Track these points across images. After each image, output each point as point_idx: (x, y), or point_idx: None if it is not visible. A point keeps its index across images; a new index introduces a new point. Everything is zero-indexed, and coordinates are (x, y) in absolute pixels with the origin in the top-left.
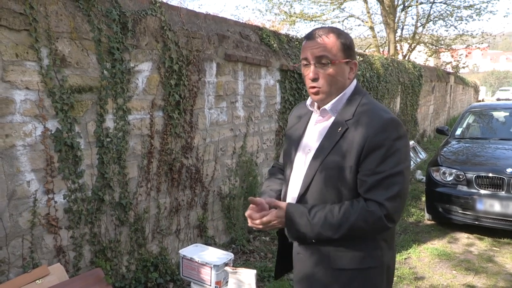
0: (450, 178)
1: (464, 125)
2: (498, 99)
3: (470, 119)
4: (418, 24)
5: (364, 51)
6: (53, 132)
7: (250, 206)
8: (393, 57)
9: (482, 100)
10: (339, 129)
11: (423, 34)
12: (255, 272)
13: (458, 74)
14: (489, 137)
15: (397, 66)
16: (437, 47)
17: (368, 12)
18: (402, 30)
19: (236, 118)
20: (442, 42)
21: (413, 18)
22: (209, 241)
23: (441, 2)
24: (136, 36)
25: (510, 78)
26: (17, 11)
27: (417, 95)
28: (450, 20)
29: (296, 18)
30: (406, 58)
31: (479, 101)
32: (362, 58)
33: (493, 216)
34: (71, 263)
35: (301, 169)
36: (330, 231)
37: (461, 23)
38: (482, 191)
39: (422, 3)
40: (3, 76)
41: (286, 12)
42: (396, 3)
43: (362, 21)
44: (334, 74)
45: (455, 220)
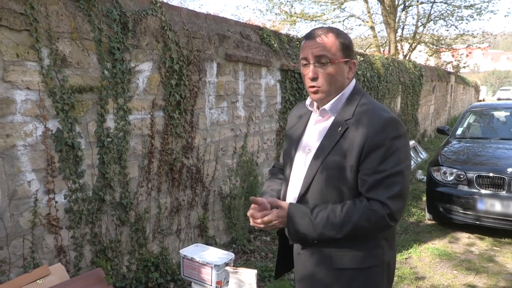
0: (451, 178)
1: (465, 125)
2: (499, 99)
3: (471, 119)
4: (419, 23)
5: (364, 51)
6: (53, 132)
7: (252, 206)
8: (393, 57)
9: (483, 99)
10: (339, 128)
11: (424, 33)
12: (256, 272)
13: (459, 74)
14: (490, 136)
15: (397, 66)
16: (437, 47)
17: (368, 12)
18: (403, 29)
19: (236, 118)
20: (443, 41)
21: (413, 18)
22: (209, 241)
23: (441, 2)
24: (136, 36)
25: (511, 77)
26: (17, 11)
27: (417, 95)
28: (451, 19)
29: (296, 18)
30: (407, 58)
31: (480, 100)
32: (362, 58)
33: (494, 216)
34: (72, 263)
35: (301, 169)
36: (333, 231)
37: (461, 23)
38: (483, 191)
39: (422, 3)
40: (4, 76)
41: (286, 12)
42: (396, 3)
43: (363, 21)
44: (333, 74)
45: (456, 220)
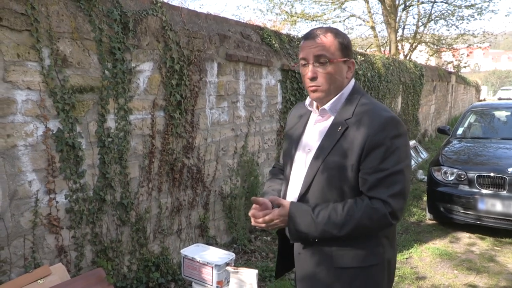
0: (451, 178)
1: (465, 124)
2: (499, 99)
3: (471, 119)
4: (419, 23)
5: (365, 51)
6: (54, 132)
7: (253, 206)
8: (394, 56)
9: (484, 99)
10: (339, 128)
11: (424, 33)
12: (257, 272)
13: (460, 74)
14: (490, 136)
15: (398, 65)
16: (438, 47)
17: (369, 11)
18: (403, 29)
19: (237, 118)
20: (444, 41)
21: (414, 18)
22: (210, 241)
23: (442, 2)
24: (137, 36)
25: None
26: (18, 12)
27: (418, 95)
28: (452, 19)
29: (297, 18)
30: (408, 58)
31: (481, 100)
32: (363, 58)
33: (494, 215)
34: (73, 263)
35: (301, 168)
36: (335, 229)
37: (462, 23)
38: (484, 191)
39: (423, 3)
40: (5, 76)
41: (287, 12)
42: (397, 3)
43: (363, 20)
44: (332, 73)
45: (457, 219)
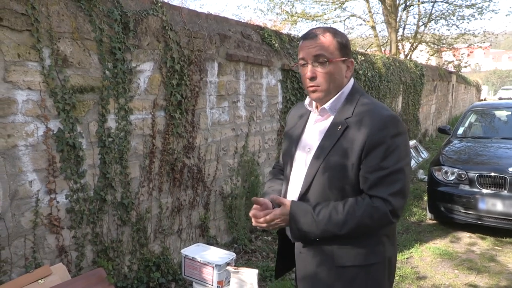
0: (452, 178)
1: (466, 124)
2: (500, 98)
3: (472, 118)
4: (420, 23)
5: (366, 51)
6: (55, 132)
7: (254, 206)
8: (394, 56)
9: (484, 99)
10: (339, 127)
11: (425, 33)
12: (257, 271)
13: (460, 73)
14: (491, 136)
15: (398, 65)
16: (439, 46)
17: (369, 11)
18: (404, 29)
19: (237, 118)
20: (444, 41)
21: (414, 17)
22: (211, 240)
23: (442, 1)
24: (137, 36)
25: None
26: (19, 12)
27: (419, 95)
28: (452, 19)
29: (297, 17)
30: (408, 58)
31: (481, 100)
32: (364, 58)
33: (495, 215)
34: (73, 263)
35: (301, 168)
36: (336, 228)
37: (463, 22)
38: (484, 191)
39: (423, 2)
40: (5, 76)
41: (287, 11)
42: (397, 2)
43: (364, 20)
44: (331, 72)
45: (457, 219)
